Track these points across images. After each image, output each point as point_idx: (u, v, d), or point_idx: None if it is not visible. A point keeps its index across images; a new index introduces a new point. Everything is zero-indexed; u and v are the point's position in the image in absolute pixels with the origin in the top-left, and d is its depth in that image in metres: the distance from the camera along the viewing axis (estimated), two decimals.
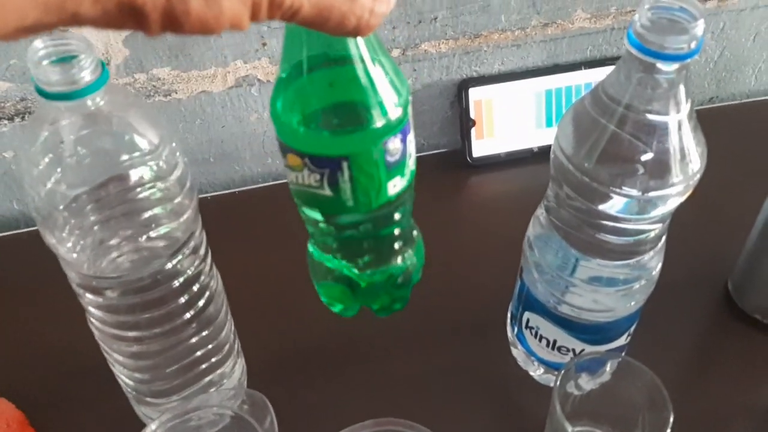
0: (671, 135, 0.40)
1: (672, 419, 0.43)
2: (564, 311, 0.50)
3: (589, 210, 0.43)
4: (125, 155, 0.38)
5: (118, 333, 0.44)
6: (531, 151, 0.76)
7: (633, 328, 0.52)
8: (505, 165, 0.76)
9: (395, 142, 0.32)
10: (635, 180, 0.41)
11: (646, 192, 0.41)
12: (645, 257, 0.47)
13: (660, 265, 0.49)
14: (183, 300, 0.44)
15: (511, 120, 0.75)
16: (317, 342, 0.59)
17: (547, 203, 0.48)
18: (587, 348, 0.51)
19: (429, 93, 0.76)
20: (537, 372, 0.56)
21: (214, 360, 0.49)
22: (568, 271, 0.48)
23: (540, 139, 0.76)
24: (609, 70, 0.42)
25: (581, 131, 0.43)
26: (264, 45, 0.68)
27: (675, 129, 0.40)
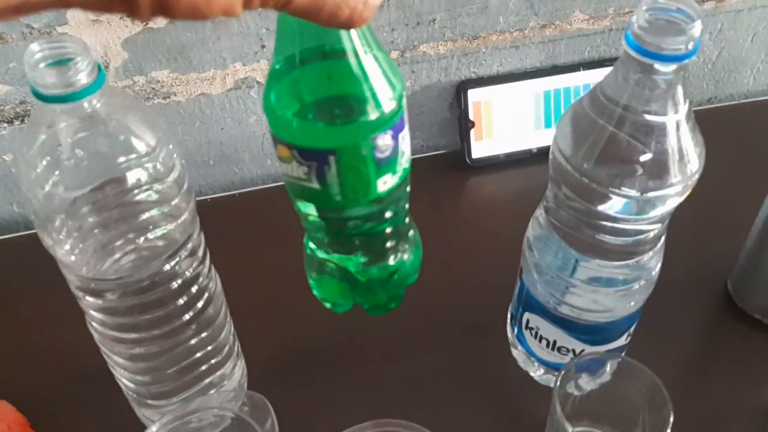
0: (669, 135, 0.40)
1: (672, 419, 0.43)
2: (564, 312, 0.50)
3: (588, 210, 0.43)
4: (122, 157, 0.38)
5: (117, 335, 0.44)
6: (530, 152, 0.76)
7: (633, 328, 0.52)
8: (505, 166, 0.76)
9: (385, 138, 0.31)
10: (634, 180, 0.41)
11: (644, 192, 0.41)
12: (644, 257, 0.47)
13: (659, 266, 0.49)
14: (182, 301, 0.44)
15: (510, 121, 0.75)
16: (317, 343, 0.59)
17: (546, 204, 0.48)
18: (587, 348, 0.51)
19: (428, 95, 0.76)
20: (537, 372, 0.56)
21: (214, 361, 0.49)
22: (567, 272, 0.48)
23: (539, 140, 0.76)
24: (607, 71, 0.42)
25: (580, 132, 0.43)
26: (263, 47, 0.68)
27: (673, 129, 0.40)
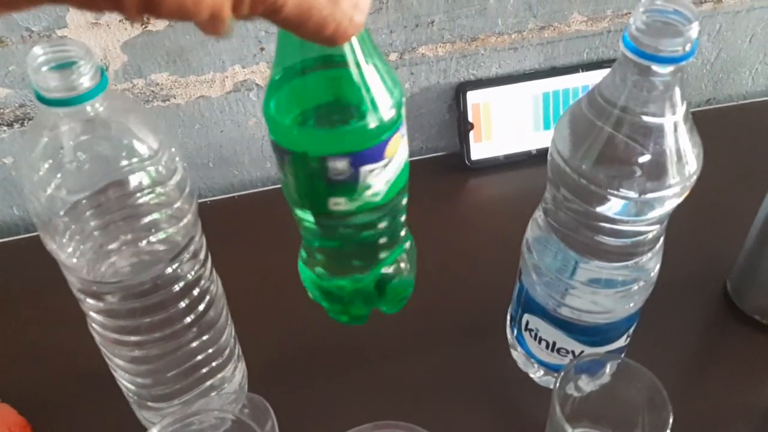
0: (667, 137, 0.40)
1: (671, 420, 0.43)
2: (563, 313, 0.50)
3: (587, 212, 0.44)
4: (125, 161, 0.38)
5: (118, 338, 0.45)
6: (529, 154, 0.76)
7: (632, 329, 0.52)
8: (504, 168, 0.76)
9: (339, 162, 0.31)
10: (632, 182, 0.41)
11: (643, 194, 0.41)
12: (643, 259, 0.47)
13: (658, 267, 0.49)
14: (183, 304, 0.44)
15: (509, 123, 0.75)
16: (317, 345, 0.60)
17: (545, 205, 0.48)
18: (587, 349, 0.52)
19: (427, 96, 0.76)
20: (537, 374, 0.57)
21: (214, 364, 0.49)
22: (567, 274, 0.48)
23: (538, 142, 0.76)
24: (606, 72, 0.42)
25: (578, 134, 0.43)
26: (262, 50, 0.68)
27: (671, 131, 0.40)
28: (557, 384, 0.45)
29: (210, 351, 0.48)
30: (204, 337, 0.47)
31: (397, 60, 0.72)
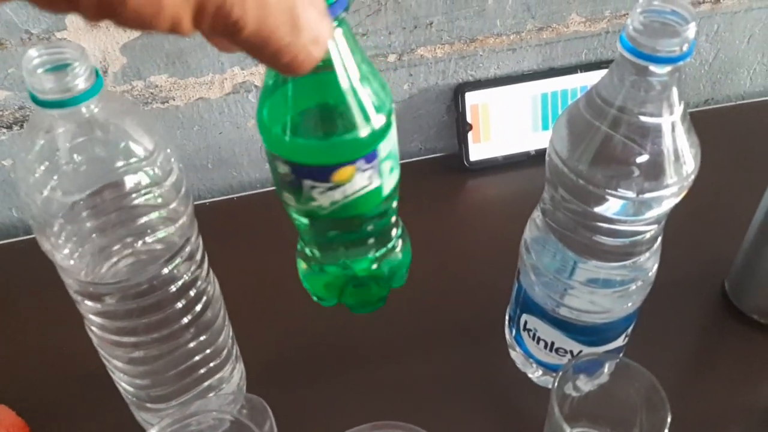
0: (665, 137, 0.40)
1: (669, 420, 0.43)
2: (561, 313, 0.50)
3: (585, 212, 0.44)
4: (120, 162, 0.38)
5: (116, 339, 0.45)
6: (528, 155, 0.76)
7: (630, 329, 0.52)
8: (503, 168, 0.76)
9: (282, 165, 0.32)
10: (630, 182, 0.41)
11: (641, 193, 0.41)
12: (641, 258, 0.47)
13: (656, 266, 0.49)
14: (180, 305, 0.44)
15: (508, 124, 0.75)
16: (315, 346, 0.60)
17: (543, 206, 0.48)
18: (585, 349, 0.52)
19: (425, 97, 0.76)
20: (535, 374, 0.57)
21: (212, 365, 0.49)
22: (566, 274, 0.48)
23: (537, 143, 0.76)
24: (604, 73, 0.42)
25: (576, 134, 0.43)
26: None
27: (668, 131, 0.40)
28: (556, 384, 0.45)
29: (208, 352, 0.48)
30: (201, 338, 0.47)
31: (396, 61, 0.72)
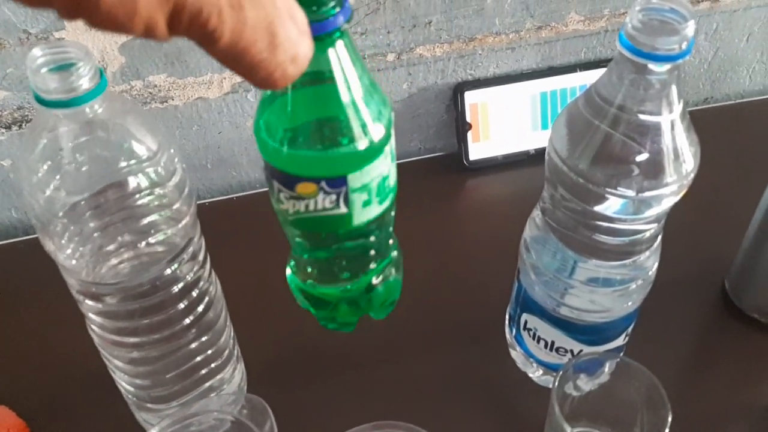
0: (664, 135, 0.40)
1: (670, 419, 0.43)
2: (562, 312, 0.50)
3: (585, 211, 0.44)
4: (124, 162, 0.38)
5: (117, 339, 0.45)
6: (527, 154, 0.77)
7: (631, 328, 0.52)
8: (502, 168, 0.76)
9: (262, 161, 0.33)
10: (630, 180, 0.41)
11: (640, 192, 0.41)
12: (641, 257, 0.47)
13: (656, 265, 0.49)
14: (182, 306, 0.44)
15: (507, 123, 0.75)
16: (316, 346, 0.59)
17: (543, 205, 0.48)
18: (585, 349, 0.52)
19: (424, 97, 0.76)
20: (536, 373, 0.57)
21: (213, 365, 0.49)
22: (566, 273, 0.48)
23: (536, 142, 0.76)
24: (603, 71, 0.42)
25: (575, 133, 0.43)
26: None
27: (668, 129, 0.40)
28: (556, 383, 0.45)
29: (209, 352, 0.48)
30: (203, 339, 0.47)
31: (395, 60, 0.72)
